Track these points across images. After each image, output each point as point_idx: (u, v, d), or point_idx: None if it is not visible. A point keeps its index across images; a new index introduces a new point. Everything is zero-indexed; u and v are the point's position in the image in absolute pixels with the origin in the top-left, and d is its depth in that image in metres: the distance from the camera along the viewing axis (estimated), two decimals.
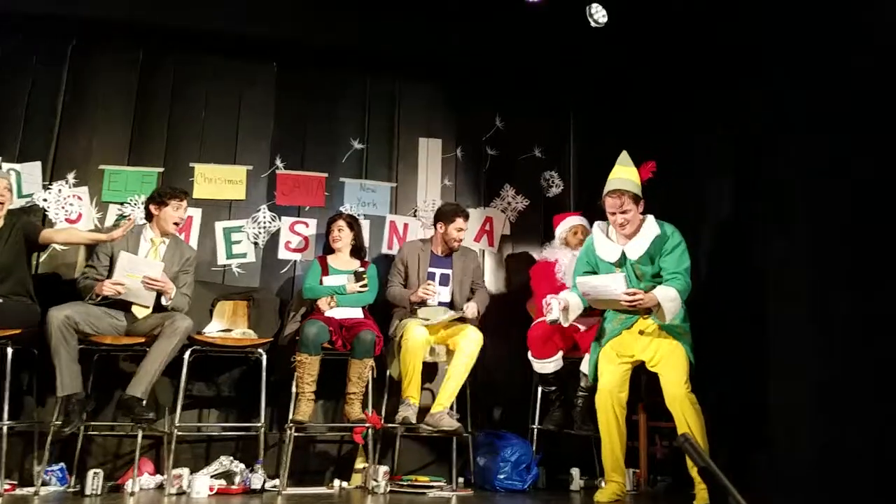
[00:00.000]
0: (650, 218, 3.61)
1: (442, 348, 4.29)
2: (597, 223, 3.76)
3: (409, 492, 3.83)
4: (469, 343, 4.07)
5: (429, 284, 4.19)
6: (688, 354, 3.48)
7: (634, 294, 3.42)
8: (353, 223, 4.44)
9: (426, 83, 5.17)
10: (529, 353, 4.24)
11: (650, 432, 4.04)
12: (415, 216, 4.96)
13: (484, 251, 5.05)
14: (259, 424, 3.93)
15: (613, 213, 3.56)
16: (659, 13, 4.47)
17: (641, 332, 3.58)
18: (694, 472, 3.28)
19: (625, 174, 3.60)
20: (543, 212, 5.14)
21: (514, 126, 5.25)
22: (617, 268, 3.61)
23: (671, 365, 3.46)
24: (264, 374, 3.98)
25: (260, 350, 4.01)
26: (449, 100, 5.18)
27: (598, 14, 4.45)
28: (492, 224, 5.09)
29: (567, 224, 4.53)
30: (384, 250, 4.85)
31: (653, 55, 4.78)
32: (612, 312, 3.70)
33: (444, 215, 4.40)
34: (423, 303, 4.22)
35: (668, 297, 3.43)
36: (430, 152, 5.09)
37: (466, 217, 4.42)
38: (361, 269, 4.26)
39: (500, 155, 5.21)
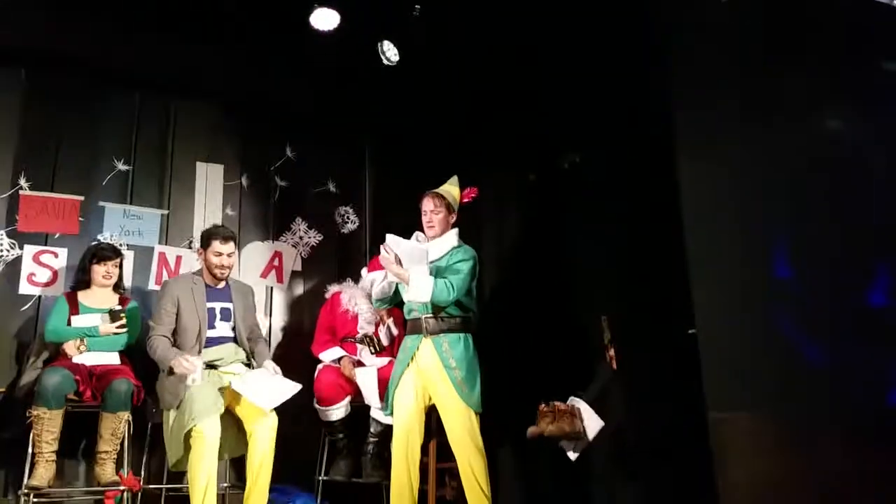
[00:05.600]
0: (455, 230, 3.74)
1: None
2: (416, 232, 3.80)
3: None
4: (268, 432, 3.46)
5: (187, 359, 3.40)
6: (466, 400, 3.45)
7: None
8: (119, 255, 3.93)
9: (206, 103, 4.73)
10: (315, 401, 4.00)
11: (440, 473, 3.91)
12: (190, 248, 4.47)
13: (272, 287, 4.71)
14: None
15: (426, 213, 3.71)
16: (449, 54, 4.43)
17: (424, 366, 3.56)
18: None
19: (448, 187, 3.80)
20: (338, 248, 4.91)
21: (306, 157, 5.00)
22: None
23: (450, 410, 3.49)
24: None
25: None
26: (233, 124, 4.79)
27: (390, 52, 4.35)
28: (281, 259, 4.76)
29: None
30: (151, 285, 4.30)
31: (443, 94, 4.69)
32: (403, 345, 3.71)
33: (202, 239, 3.77)
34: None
35: (422, 276, 3.45)
36: (209, 178, 4.64)
37: (226, 239, 3.69)
38: (119, 308, 3.72)
39: (291, 186, 4.92)
